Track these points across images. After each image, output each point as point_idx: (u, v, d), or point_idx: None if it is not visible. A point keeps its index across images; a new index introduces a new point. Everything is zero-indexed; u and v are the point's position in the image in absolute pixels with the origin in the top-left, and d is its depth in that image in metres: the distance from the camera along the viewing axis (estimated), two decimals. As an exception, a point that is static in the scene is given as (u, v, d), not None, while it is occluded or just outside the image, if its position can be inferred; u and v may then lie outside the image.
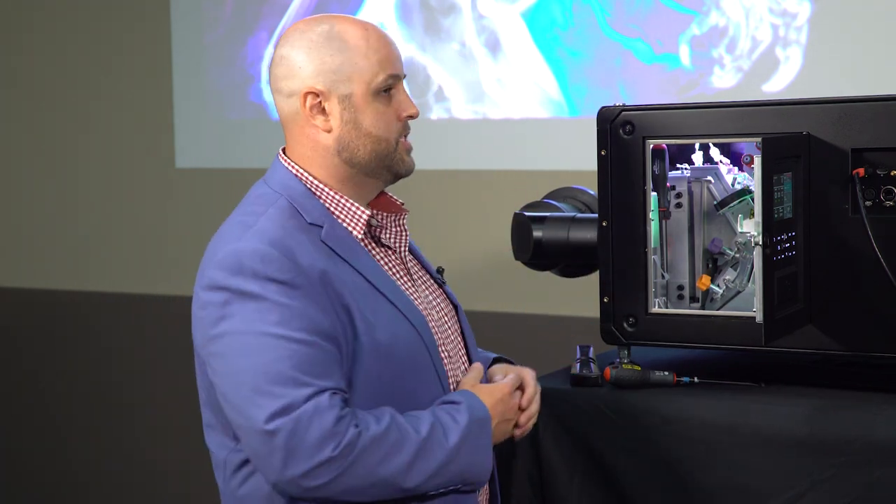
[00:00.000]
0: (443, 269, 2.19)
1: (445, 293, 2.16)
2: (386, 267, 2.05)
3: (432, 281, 2.15)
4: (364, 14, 4.08)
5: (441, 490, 1.93)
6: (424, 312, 2.05)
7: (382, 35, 2.05)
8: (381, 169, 2.04)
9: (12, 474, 4.82)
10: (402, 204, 2.11)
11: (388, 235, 2.07)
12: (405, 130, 2.06)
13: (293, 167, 2.04)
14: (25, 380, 4.79)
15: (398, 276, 2.06)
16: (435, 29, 4.00)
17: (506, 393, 2.03)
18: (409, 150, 2.06)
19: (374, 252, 2.04)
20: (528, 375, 2.12)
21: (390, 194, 2.13)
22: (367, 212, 2.02)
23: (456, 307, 2.17)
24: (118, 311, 4.59)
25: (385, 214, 2.07)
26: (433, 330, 2.04)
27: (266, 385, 1.84)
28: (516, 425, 2.07)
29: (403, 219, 2.09)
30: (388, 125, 2.03)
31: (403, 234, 2.08)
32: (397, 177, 2.07)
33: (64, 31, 4.62)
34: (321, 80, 2.00)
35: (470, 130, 3.98)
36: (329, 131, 2.01)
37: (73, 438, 4.70)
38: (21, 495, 4.80)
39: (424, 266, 2.16)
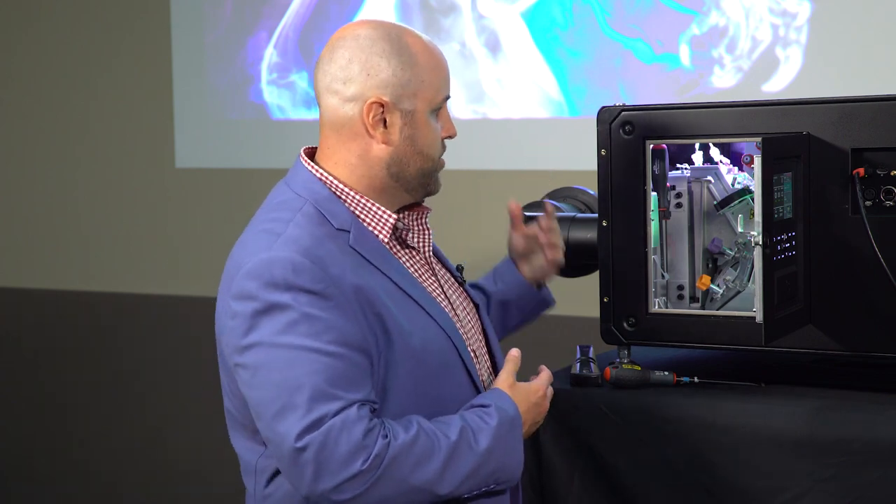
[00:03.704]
0: (462, 267, 2.17)
1: (466, 292, 2.15)
2: (412, 269, 2.02)
3: (454, 280, 2.14)
4: (364, 14, 4.08)
5: (474, 492, 1.92)
6: (450, 313, 2.03)
7: (441, 52, 2.03)
8: (420, 187, 2.02)
9: (12, 474, 4.81)
10: (423, 202, 2.08)
11: (413, 236, 2.05)
12: (444, 149, 2.05)
13: (317, 170, 1.99)
14: (25, 380, 4.79)
15: (424, 277, 2.04)
16: (435, 29, 4.00)
17: (540, 395, 2.04)
18: (442, 168, 2.05)
19: (399, 255, 2.02)
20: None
21: None
22: (394, 216, 2.00)
23: (477, 305, 2.16)
24: (118, 311, 4.59)
25: (408, 214, 2.05)
26: (460, 329, 2.03)
27: (296, 400, 1.81)
28: None
29: (425, 217, 2.07)
30: (436, 144, 2.02)
31: (427, 233, 2.07)
32: (428, 195, 2.05)
33: (63, 30, 4.62)
34: (389, 91, 1.95)
35: (470, 130, 3.98)
36: (386, 144, 1.97)
37: (73, 438, 4.70)
38: (22, 495, 4.80)
39: (445, 265, 2.14)
